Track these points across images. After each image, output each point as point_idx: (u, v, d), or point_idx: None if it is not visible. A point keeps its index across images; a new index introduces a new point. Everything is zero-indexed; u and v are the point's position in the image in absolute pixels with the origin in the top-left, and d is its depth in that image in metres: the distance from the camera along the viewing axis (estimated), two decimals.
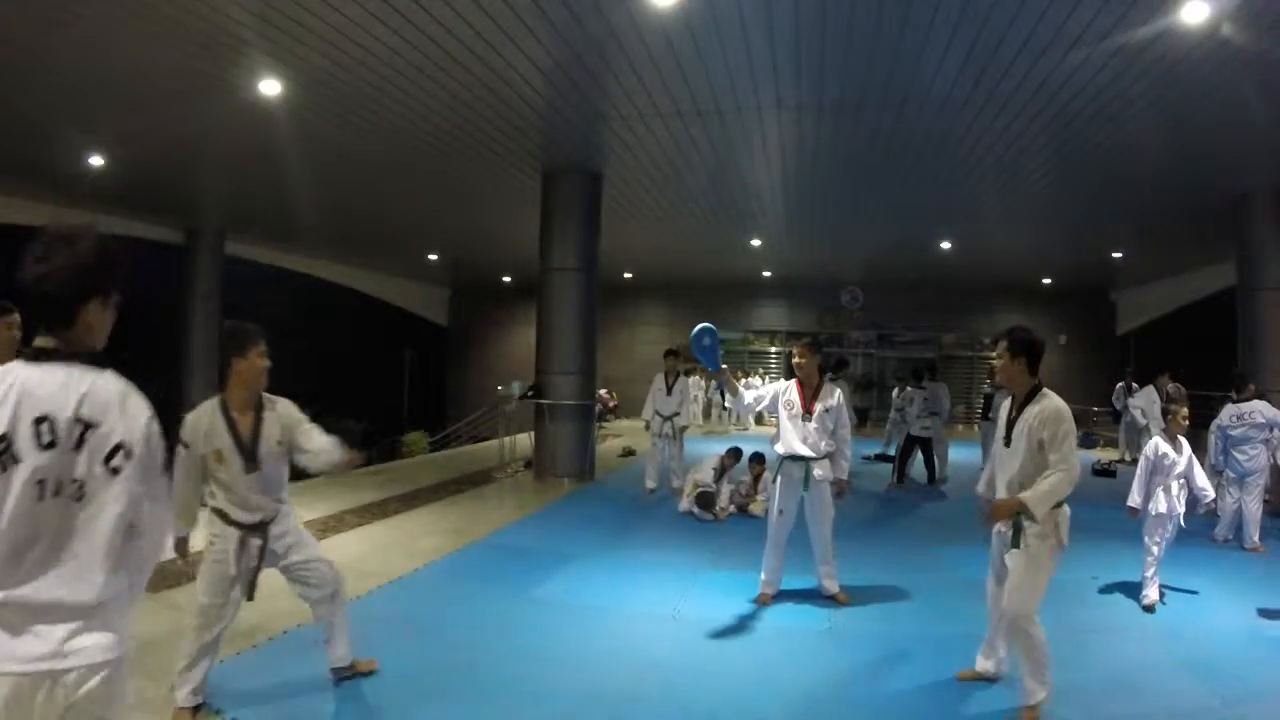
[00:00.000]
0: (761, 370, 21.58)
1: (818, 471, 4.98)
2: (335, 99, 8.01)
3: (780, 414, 5.09)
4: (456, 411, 22.49)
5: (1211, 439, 7.25)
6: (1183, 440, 5.41)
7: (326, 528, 7.04)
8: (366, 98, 7.94)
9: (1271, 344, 10.32)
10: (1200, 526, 7.45)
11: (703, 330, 4.73)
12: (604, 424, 17.04)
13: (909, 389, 10.47)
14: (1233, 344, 11.02)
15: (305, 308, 24.14)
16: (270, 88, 7.59)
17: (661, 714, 3.52)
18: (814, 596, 5.20)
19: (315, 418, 3.48)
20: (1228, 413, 7.11)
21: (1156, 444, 5.38)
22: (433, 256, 19.58)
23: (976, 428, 13.91)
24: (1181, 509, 5.36)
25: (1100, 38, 5.98)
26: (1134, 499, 5.35)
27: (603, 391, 17.96)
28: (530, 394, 10.73)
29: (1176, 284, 17.84)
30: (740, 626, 4.70)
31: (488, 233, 15.66)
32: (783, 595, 5.22)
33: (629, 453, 13.22)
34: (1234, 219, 10.90)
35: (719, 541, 6.94)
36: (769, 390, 5.24)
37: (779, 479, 5.07)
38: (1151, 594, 5.13)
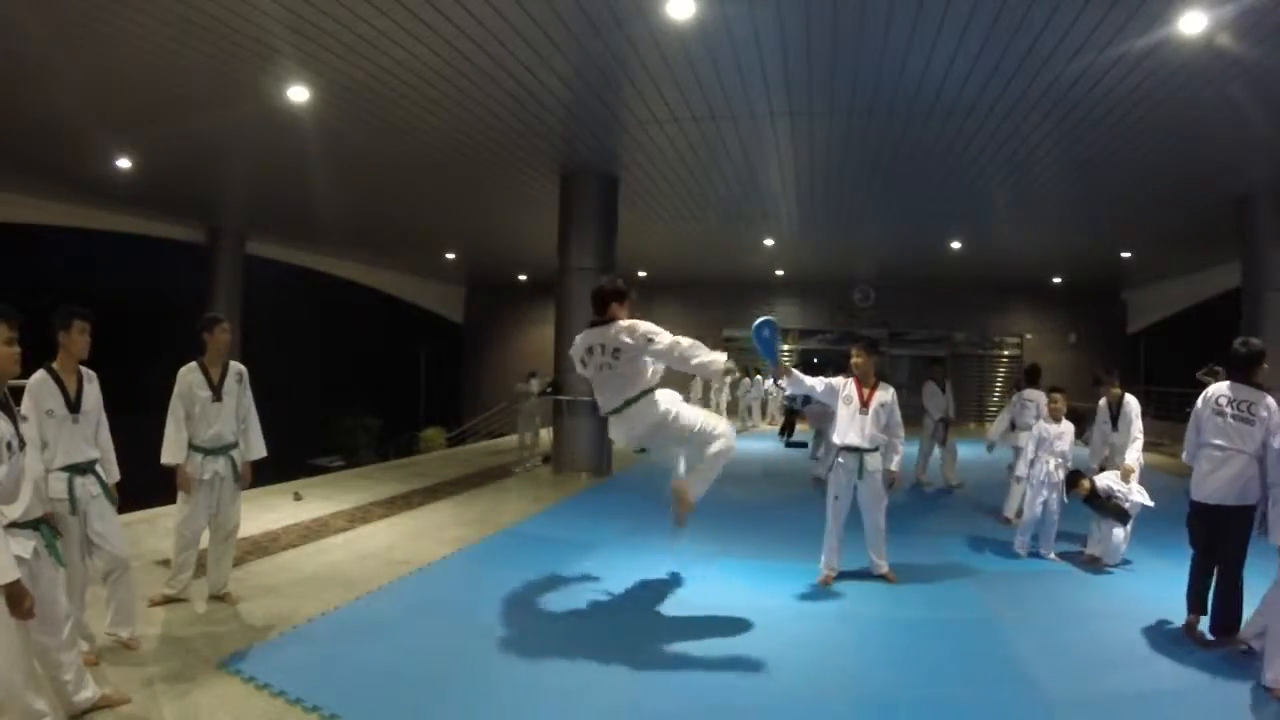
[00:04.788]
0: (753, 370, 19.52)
1: (871, 462, 5.42)
2: (362, 106, 8.27)
3: (839, 408, 5.55)
4: (471, 408, 22.73)
5: None
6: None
7: (354, 519, 7.33)
8: (393, 105, 8.21)
9: (1275, 344, 10.41)
10: None
11: (764, 323, 4.83)
12: None
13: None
14: None
15: (323, 305, 24.47)
16: (298, 94, 7.84)
17: (680, 684, 3.74)
18: (835, 580, 5.50)
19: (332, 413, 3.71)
20: None
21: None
22: (450, 256, 19.85)
23: (987, 427, 13.97)
24: None
25: (1100, 48, 6.20)
26: None
27: None
28: (549, 390, 11.01)
29: (1187, 283, 17.91)
30: (753, 607, 4.90)
31: (505, 233, 15.94)
32: (799, 579, 5.49)
33: (644, 449, 13.38)
34: (1237, 220, 11.05)
35: (732, 533, 7.17)
36: (825, 382, 5.60)
37: (835, 467, 5.52)
38: None
